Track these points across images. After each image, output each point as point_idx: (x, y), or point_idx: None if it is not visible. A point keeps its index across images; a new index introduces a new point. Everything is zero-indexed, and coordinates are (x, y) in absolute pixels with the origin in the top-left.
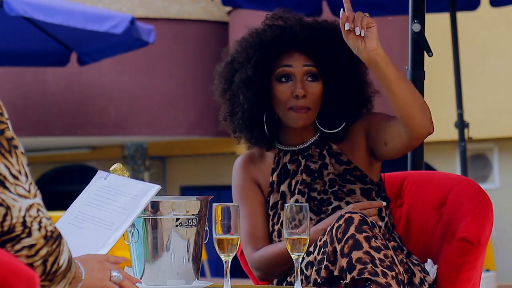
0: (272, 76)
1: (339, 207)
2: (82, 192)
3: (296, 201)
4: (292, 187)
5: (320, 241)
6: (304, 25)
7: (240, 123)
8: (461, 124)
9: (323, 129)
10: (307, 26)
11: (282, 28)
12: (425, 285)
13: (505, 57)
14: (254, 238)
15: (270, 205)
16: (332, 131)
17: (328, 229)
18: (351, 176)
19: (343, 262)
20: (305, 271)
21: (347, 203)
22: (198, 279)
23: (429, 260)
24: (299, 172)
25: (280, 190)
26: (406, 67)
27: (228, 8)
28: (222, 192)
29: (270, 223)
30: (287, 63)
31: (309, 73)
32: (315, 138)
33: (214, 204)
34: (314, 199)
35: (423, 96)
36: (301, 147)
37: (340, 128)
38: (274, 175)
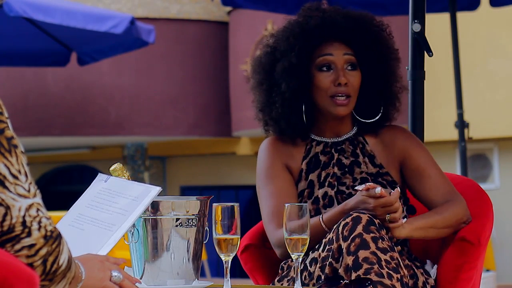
0: (312, 66)
1: None
2: (83, 195)
3: (325, 193)
4: (322, 179)
5: (325, 237)
6: (344, 14)
7: (278, 112)
8: (461, 124)
9: (360, 119)
10: (347, 16)
11: (322, 18)
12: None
13: (505, 57)
14: (279, 215)
15: (298, 192)
16: (369, 120)
17: (335, 226)
18: (383, 179)
19: (349, 260)
20: (309, 268)
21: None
22: (198, 279)
23: (428, 261)
24: (331, 165)
25: (309, 179)
26: (406, 67)
27: (228, 8)
28: (222, 192)
29: None
30: (328, 52)
31: (349, 62)
32: (350, 134)
33: (214, 204)
34: (343, 192)
35: (423, 96)
36: (335, 140)
37: (376, 118)
38: (304, 163)
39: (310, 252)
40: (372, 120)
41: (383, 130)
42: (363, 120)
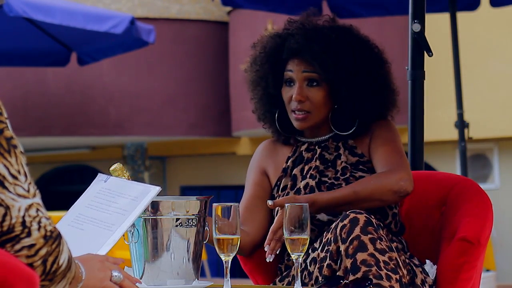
0: (283, 79)
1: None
2: (82, 195)
3: (307, 184)
4: (305, 172)
5: (324, 238)
6: (306, 34)
7: (257, 117)
8: (461, 124)
9: (336, 131)
10: (309, 35)
11: (283, 37)
12: (425, 286)
13: (505, 57)
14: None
15: (281, 187)
16: (344, 133)
17: (333, 227)
18: (364, 166)
19: (347, 262)
20: (309, 267)
21: None
22: (198, 279)
23: (427, 261)
24: (314, 160)
25: (292, 174)
26: (406, 67)
27: (228, 8)
28: (222, 192)
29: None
30: (290, 68)
31: (309, 78)
32: (332, 134)
33: (214, 204)
34: (325, 182)
35: (423, 96)
36: (319, 139)
37: (351, 131)
38: (289, 161)
39: (310, 251)
40: (347, 133)
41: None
42: (340, 133)
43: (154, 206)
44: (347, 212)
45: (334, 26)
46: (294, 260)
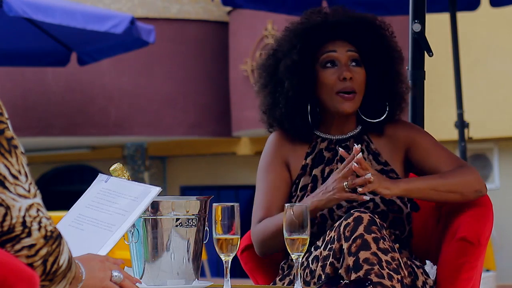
0: (316, 64)
1: (372, 200)
2: (83, 195)
3: None
4: (325, 174)
5: (327, 236)
6: (346, 14)
7: (282, 112)
8: (461, 124)
9: (365, 118)
10: (349, 15)
11: (324, 17)
12: None
13: (505, 57)
14: (266, 210)
15: (300, 186)
16: (375, 120)
17: (336, 225)
18: (388, 176)
19: (350, 261)
20: (310, 265)
21: (382, 199)
22: (198, 279)
23: (427, 261)
24: (335, 161)
25: (312, 174)
26: (406, 67)
27: (228, 8)
28: (222, 192)
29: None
30: (331, 49)
31: (353, 58)
32: (355, 132)
33: (214, 204)
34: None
35: (423, 96)
36: (339, 137)
37: (382, 118)
38: (309, 158)
39: (313, 250)
40: (377, 120)
41: (385, 126)
42: (369, 120)
43: (154, 206)
44: (352, 211)
45: (364, 13)
46: (294, 260)
